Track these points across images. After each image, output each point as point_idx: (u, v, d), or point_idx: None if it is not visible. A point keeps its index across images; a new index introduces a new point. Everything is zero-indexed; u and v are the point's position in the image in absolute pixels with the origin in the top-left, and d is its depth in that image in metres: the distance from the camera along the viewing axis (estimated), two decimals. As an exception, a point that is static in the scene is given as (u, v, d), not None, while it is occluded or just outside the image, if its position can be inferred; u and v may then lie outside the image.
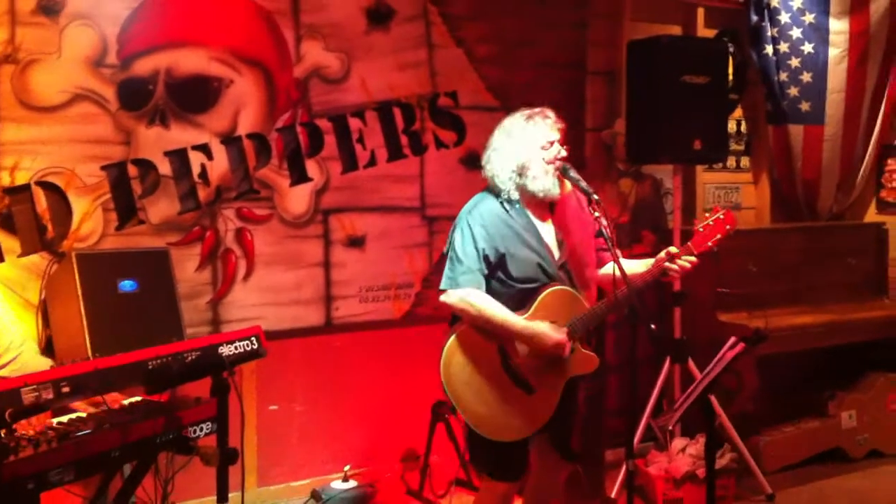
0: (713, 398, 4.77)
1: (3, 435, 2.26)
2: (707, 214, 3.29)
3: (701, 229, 3.24)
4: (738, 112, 6.11)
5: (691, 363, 4.78)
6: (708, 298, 5.26)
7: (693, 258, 3.19)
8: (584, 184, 3.17)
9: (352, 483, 4.65)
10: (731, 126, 6.07)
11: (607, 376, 4.93)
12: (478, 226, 3.14)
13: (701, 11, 5.76)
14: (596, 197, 3.12)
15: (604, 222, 3.09)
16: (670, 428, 3.10)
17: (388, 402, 4.85)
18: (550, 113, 3.27)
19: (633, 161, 5.31)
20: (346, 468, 4.68)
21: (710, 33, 5.85)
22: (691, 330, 5.04)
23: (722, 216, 3.24)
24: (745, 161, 6.17)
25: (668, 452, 4.78)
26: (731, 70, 5.91)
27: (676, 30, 5.76)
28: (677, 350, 4.87)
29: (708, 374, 3.09)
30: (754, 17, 5.79)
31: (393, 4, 4.77)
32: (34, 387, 2.30)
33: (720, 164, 6.02)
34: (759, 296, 5.34)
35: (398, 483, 4.81)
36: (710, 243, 3.22)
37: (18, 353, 3.33)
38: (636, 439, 4.81)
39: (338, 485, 4.64)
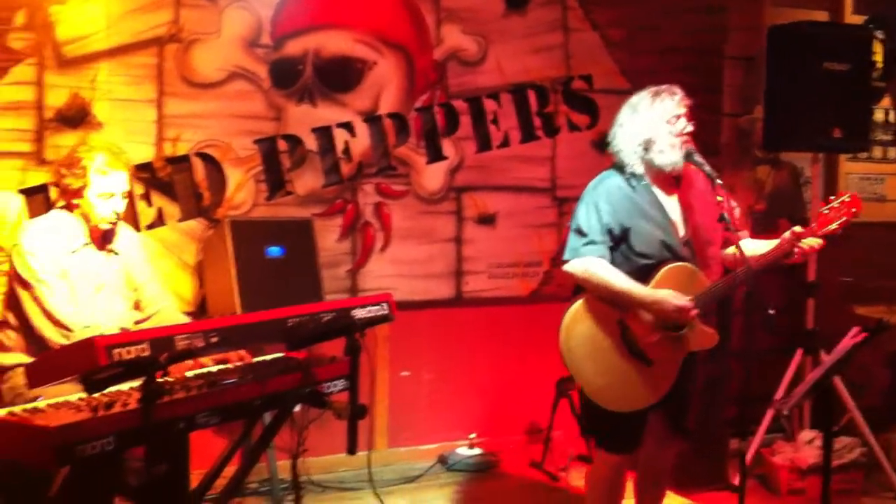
0: (844, 391, 4.75)
1: (158, 377, 2.51)
2: (832, 198, 3.27)
3: (826, 211, 3.23)
4: (885, 101, 5.91)
5: (823, 355, 4.71)
6: (843, 290, 5.17)
7: (818, 240, 3.19)
8: (707, 168, 3.20)
9: (477, 450, 4.84)
10: (879, 115, 5.88)
11: (730, 362, 4.91)
12: (603, 201, 3.21)
13: (849, -3, 5.62)
14: (720, 181, 3.15)
15: (728, 205, 3.11)
16: (785, 413, 3.10)
17: (513, 375, 5.00)
18: (677, 90, 3.31)
19: (769, 148, 5.25)
20: (472, 436, 4.87)
21: (858, 20, 5.68)
22: (825, 321, 4.96)
23: (847, 199, 3.22)
24: (892, 151, 5.97)
25: (794, 443, 4.74)
26: (879, 58, 5.74)
27: (823, 15, 5.62)
28: (808, 341, 4.82)
29: (827, 363, 3.09)
30: (907, 3, 5.60)
31: (530, -12, 4.90)
32: (187, 335, 2.53)
33: (865, 154, 5.84)
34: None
35: (521, 454, 4.96)
36: (834, 226, 3.20)
37: (158, 309, 3.63)
38: (762, 429, 4.80)
39: (463, 451, 4.84)
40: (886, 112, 5.92)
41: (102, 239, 3.49)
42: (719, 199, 3.13)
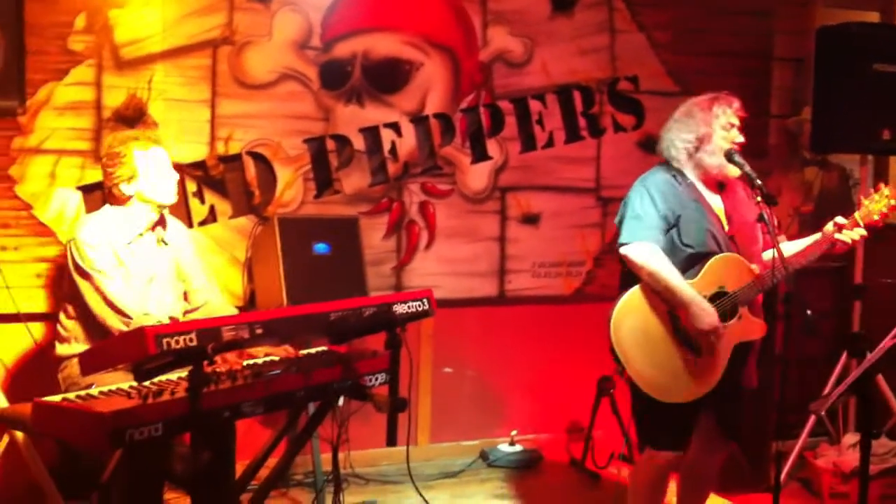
0: (889, 393, 4.72)
1: (205, 366, 2.62)
2: (872, 190, 3.29)
3: (867, 202, 3.28)
4: (939, 102, 5.83)
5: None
6: (892, 294, 5.12)
7: (862, 231, 3.21)
8: (748, 168, 3.25)
9: (518, 447, 4.91)
10: (932, 116, 5.81)
11: (776, 366, 4.90)
12: (655, 190, 3.29)
13: (902, -3, 5.57)
14: (759, 182, 3.19)
15: (765, 208, 3.15)
16: (822, 413, 3.11)
17: (555, 374, 5.05)
18: (736, 99, 3.39)
19: (817, 149, 5.23)
20: (514, 433, 4.94)
21: (911, 20, 5.63)
22: (873, 325, 4.92)
23: (888, 192, 3.27)
24: (944, 154, 5.89)
25: (838, 446, 4.72)
26: (932, 58, 5.68)
27: (874, 16, 5.59)
28: (854, 345, 4.79)
29: (865, 364, 3.08)
30: (961, 3, 5.53)
31: (577, -9, 4.95)
32: (233, 326, 2.62)
33: (916, 156, 5.78)
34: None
35: (562, 452, 5.01)
36: (876, 216, 3.25)
37: (206, 300, 3.77)
38: (805, 432, 4.79)
39: (505, 448, 4.90)
40: (939, 114, 5.84)
41: (156, 227, 3.63)
42: (759, 199, 3.17)
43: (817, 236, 3.32)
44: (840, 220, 3.27)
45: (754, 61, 5.32)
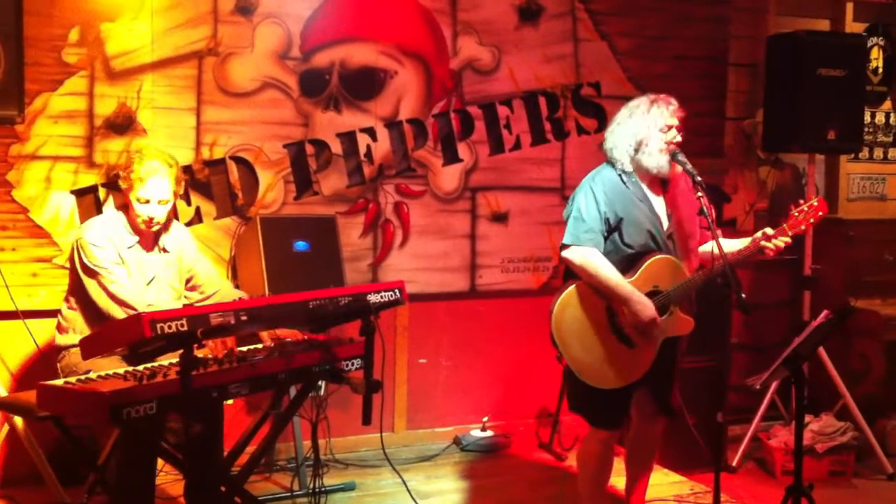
0: (837, 379, 5.02)
1: (195, 349, 2.88)
2: (802, 201, 3.56)
3: (797, 214, 3.52)
4: (887, 104, 6.16)
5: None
6: (840, 284, 5.44)
7: (788, 238, 3.48)
8: (689, 166, 3.46)
9: (489, 433, 5.18)
10: (880, 118, 6.14)
11: (731, 353, 5.19)
12: (600, 191, 3.50)
13: (850, 6, 5.87)
14: (699, 179, 3.41)
15: (707, 202, 3.42)
16: (757, 387, 3.40)
17: (525, 363, 5.32)
18: (673, 101, 3.57)
19: (768, 149, 5.56)
20: (485, 419, 5.22)
21: (859, 27, 5.94)
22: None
23: (815, 203, 3.52)
24: (892, 152, 6.21)
25: (790, 427, 5.00)
26: (880, 63, 6.02)
27: (824, 24, 5.90)
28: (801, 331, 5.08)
29: (797, 342, 3.38)
30: (905, 12, 5.85)
31: (542, 2, 5.22)
32: (220, 313, 2.88)
33: (866, 155, 6.11)
34: (895, 284, 5.48)
35: (531, 436, 5.29)
36: (802, 227, 3.51)
37: (218, 288, 4.01)
38: (758, 415, 5.09)
39: (477, 433, 5.18)
40: (887, 115, 6.17)
41: (150, 239, 3.83)
42: (699, 195, 3.43)
43: (748, 241, 3.56)
44: (768, 231, 3.51)
45: (711, 66, 5.62)
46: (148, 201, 3.70)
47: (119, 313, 3.59)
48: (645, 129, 3.51)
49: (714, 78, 5.63)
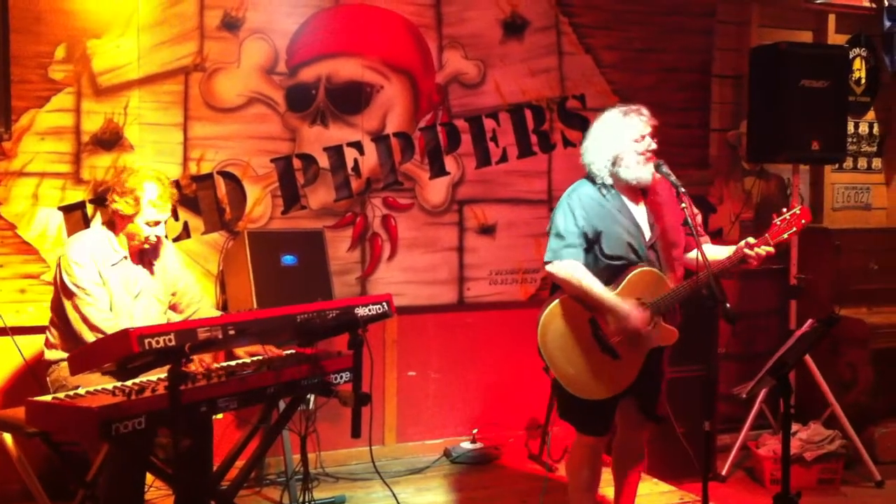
0: (825, 387, 5.05)
1: (183, 363, 2.88)
2: (785, 210, 3.58)
3: (779, 223, 3.52)
4: (870, 114, 6.23)
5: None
6: (826, 293, 5.47)
7: (770, 248, 3.51)
8: (673, 178, 3.49)
9: (479, 445, 5.20)
10: (864, 128, 6.20)
11: (719, 363, 5.21)
12: (578, 207, 3.53)
13: (832, 18, 5.93)
14: (682, 189, 3.46)
15: (689, 212, 3.45)
16: (743, 396, 3.41)
17: (514, 375, 5.33)
18: (645, 110, 3.60)
19: (752, 160, 5.60)
20: (475, 431, 5.23)
21: (841, 39, 6.00)
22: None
23: (798, 212, 3.53)
24: (876, 162, 6.28)
25: (778, 436, 5.03)
26: (863, 73, 6.09)
27: (807, 36, 5.97)
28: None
29: (781, 351, 3.41)
30: (887, 23, 5.86)
31: (527, 16, 5.27)
32: (208, 328, 2.88)
33: (850, 165, 6.16)
34: (881, 293, 5.52)
35: (521, 448, 5.30)
36: (785, 235, 3.52)
37: (198, 307, 4.00)
38: (747, 424, 5.12)
39: (467, 445, 5.19)
40: (871, 125, 6.24)
41: (140, 255, 3.82)
42: (683, 205, 3.46)
43: (732, 249, 3.57)
44: (751, 240, 3.52)
45: (696, 78, 5.67)
46: (157, 223, 3.72)
47: (90, 336, 3.56)
48: (619, 143, 3.54)
49: (698, 90, 5.68)
